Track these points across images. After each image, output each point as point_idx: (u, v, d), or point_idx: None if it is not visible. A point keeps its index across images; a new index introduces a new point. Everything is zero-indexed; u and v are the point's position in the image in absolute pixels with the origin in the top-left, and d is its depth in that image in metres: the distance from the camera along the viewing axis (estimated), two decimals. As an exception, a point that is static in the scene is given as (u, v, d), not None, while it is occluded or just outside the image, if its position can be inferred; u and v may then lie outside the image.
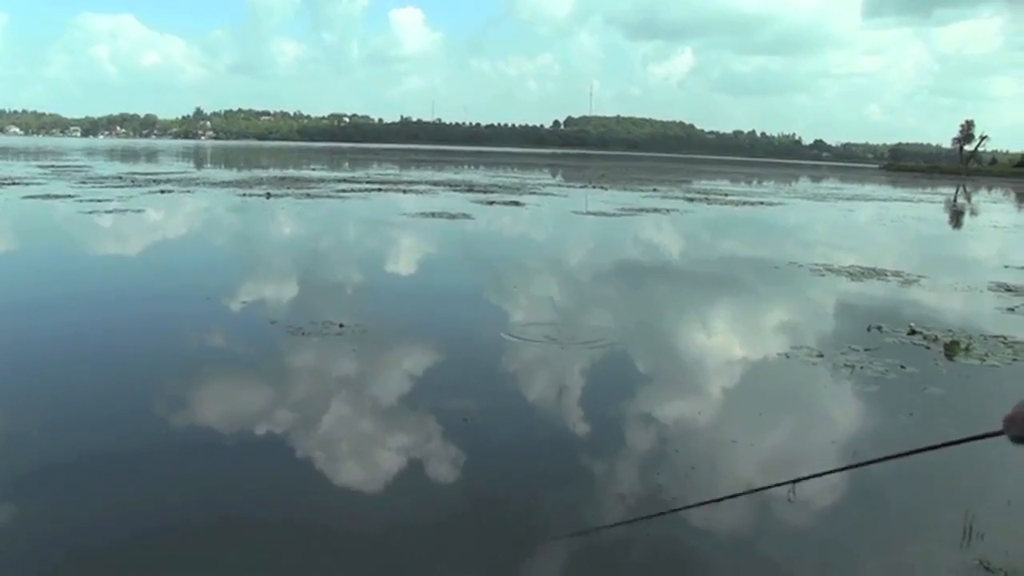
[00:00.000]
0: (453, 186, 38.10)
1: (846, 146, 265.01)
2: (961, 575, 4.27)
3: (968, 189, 66.99)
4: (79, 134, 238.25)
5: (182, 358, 7.88)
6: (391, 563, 4.27)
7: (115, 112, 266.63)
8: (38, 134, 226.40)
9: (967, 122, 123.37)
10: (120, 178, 34.85)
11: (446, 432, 6.04)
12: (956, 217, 36.83)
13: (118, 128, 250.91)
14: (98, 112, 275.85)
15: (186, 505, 4.82)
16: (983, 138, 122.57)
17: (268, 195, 27.87)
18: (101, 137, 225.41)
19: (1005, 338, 9.63)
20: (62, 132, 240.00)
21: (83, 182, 31.59)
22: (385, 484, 5.25)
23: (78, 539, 4.38)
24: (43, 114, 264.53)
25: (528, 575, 4.21)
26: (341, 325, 9.03)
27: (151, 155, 77.06)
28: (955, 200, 50.01)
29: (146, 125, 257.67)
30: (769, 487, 3.94)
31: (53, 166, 45.72)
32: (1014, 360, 8.73)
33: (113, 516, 4.65)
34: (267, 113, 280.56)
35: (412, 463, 5.51)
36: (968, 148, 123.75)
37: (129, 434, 5.91)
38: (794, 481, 3.43)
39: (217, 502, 4.92)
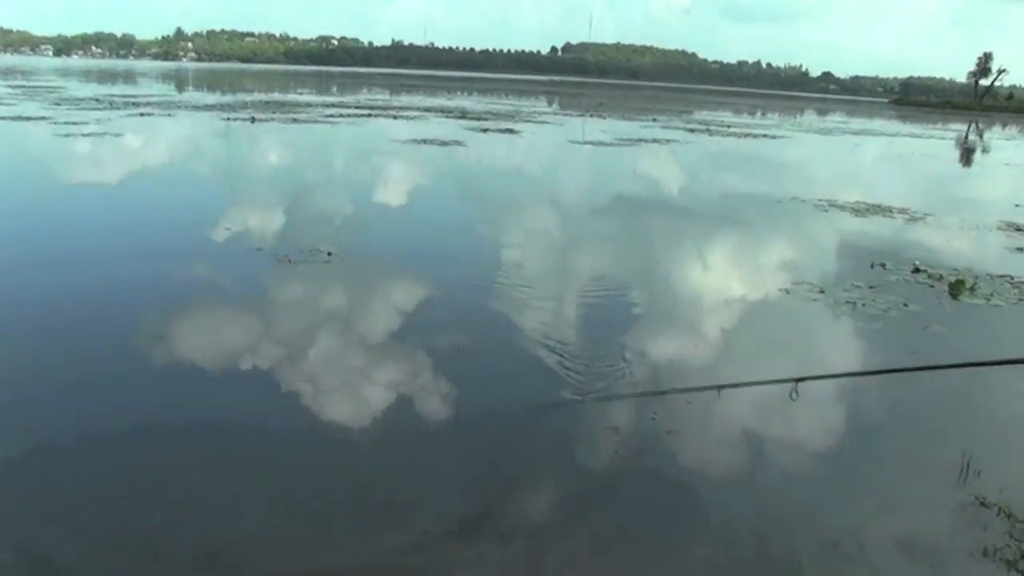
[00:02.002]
0: (445, 112, 37.71)
1: (855, 79, 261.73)
2: (957, 511, 4.36)
3: (981, 126, 66.53)
4: (51, 53, 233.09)
5: (164, 286, 7.87)
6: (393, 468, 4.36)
7: (90, 31, 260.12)
8: (6, 52, 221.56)
9: (984, 54, 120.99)
10: (97, 100, 34.34)
11: (436, 361, 6.08)
12: (966, 154, 36.66)
13: (93, 48, 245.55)
14: (71, 30, 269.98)
15: (174, 435, 4.87)
16: (1001, 72, 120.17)
17: (253, 120, 27.53)
18: (75, 57, 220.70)
19: (1012, 278, 9.68)
20: (32, 51, 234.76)
21: (57, 103, 31.12)
22: (377, 406, 5.32)
23: (71, 464, 4.44)
24: (11, 31, 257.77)
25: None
26: (329, 253, 9.02)
27: (129, 77, 75.80)
28: (966, 137, 49.72)
29: (123, 45, 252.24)
30: (772, 382, 4.05)
31: (24, 86, 44.99)
32: (1020, 300, 8.79)
33: (101, 445, 4.70)
34: (251, 34, 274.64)
35: (400, 389, 5.57)
36: (984, 82, 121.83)
37: (114, 363, 5.94)
38: (797, 380, 3.54)
39: (209, 430, 4.97)
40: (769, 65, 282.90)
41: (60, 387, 5.44)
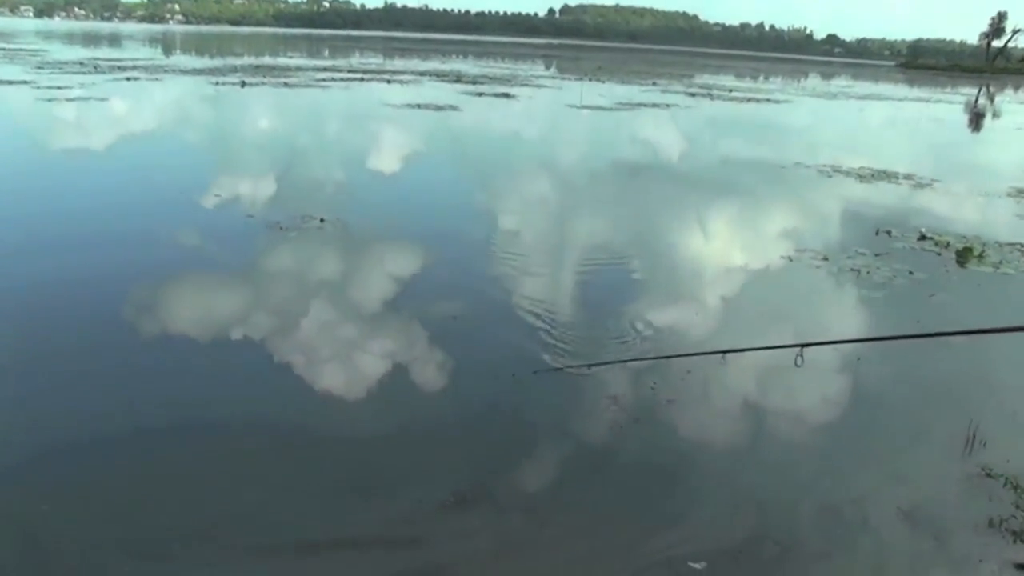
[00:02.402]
0: (440, 76, 37.43)
1: (861, 42, 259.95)
2: (962, 482, 4.38)
3: (992, 89, 65.99)
4: (31, 15, 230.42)
5: (153, 253, 7.83)
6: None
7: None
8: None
9: (998, 14, 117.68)
10: (81, 64, 33.99)
11: (430, 330, 6.07)
12: (976, 119, 36.37)
13: (76, 10, 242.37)
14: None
15: (164, 407, 4.85)
16: (1016, 32, 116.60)
17: (243, 84, 27.32)
18: (57, 19, 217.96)
19: (1021, 245, 9.64)
20: (12, 12, 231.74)
21: (39, 67, 30.81)
22: (369, 375, 5.31)
23: (48, 441, 4.44)
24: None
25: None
26: (322, 220, 8.98)
27: (114, 40, 75.05)
28: (976, 101, 49.36)
29: (107, 7, 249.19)
30: (777, 347, 4.05)
31: (4, 49, 44.51)
32: (1029, 268, 8.77)
33: (90, 416, 4.69)
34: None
35: (392, 358, 5.57)
36: (997, 44, 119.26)
37: (102, 333, 5.91)
38: (802, 346, 3.55)
39: (200, 401, 4.96)
40: (772, 27, 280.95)
41: (45, 357, 5.42)
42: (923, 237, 9.73)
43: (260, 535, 3.70)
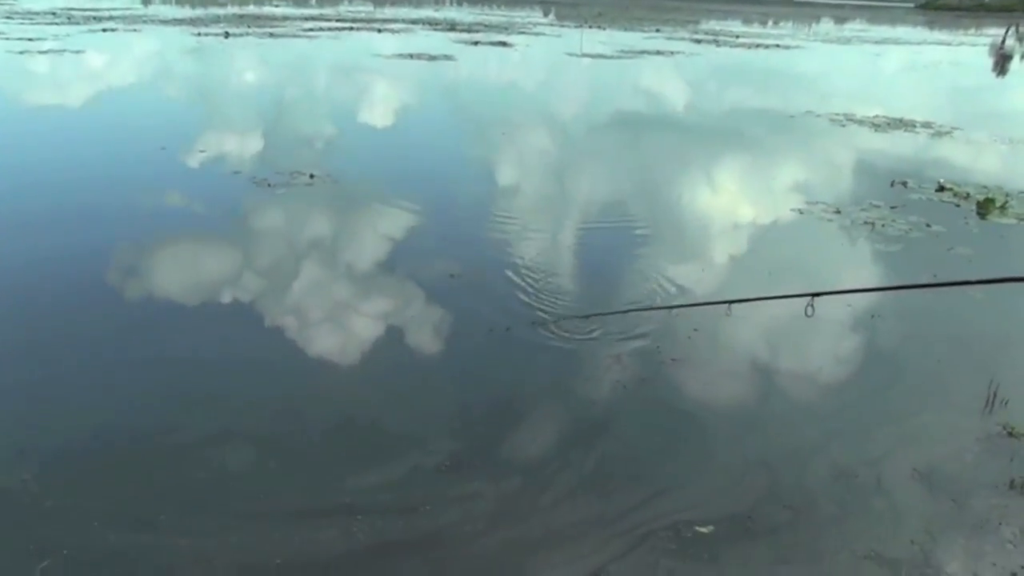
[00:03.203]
0: (433, 25, 37.08)
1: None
2: (982, 440, 4.38)
3: (1022, 29, 65.14)
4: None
5: (135, 212, 7.77)
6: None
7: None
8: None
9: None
10: (53, 14, 33.58)
11: (425, 288, 6.06)
12: (1001, 62, 35.90)
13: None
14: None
15: (154, 368, 4.85)
16: None
17: (226, 35, 27.04)
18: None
19: (1047, 195, 9.58)
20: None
21: (8, 17, 30.48)
22: (362, 336, 5.30)
23: (38, 412, 4.44)
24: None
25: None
26: (311, 176, 8.92)
27: (89, -11, 74.14)
28: (1003, 43, 48.61)
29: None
30: (786, 296, 4.05)
31: (-26, 0, 44.03)
32: (1054, 219, 8.72)
33: (74, 387, 4.67)
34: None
35: (386, 319, 5.55)
36: None
37: (87, 297, 5.89)
38: (813, 295, 3.56)
39: (189, 363, 4.95)
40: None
41: (33, 320, 5.40)
42: (941, 188, 9.67)
43: (255, 502, 3.70)
